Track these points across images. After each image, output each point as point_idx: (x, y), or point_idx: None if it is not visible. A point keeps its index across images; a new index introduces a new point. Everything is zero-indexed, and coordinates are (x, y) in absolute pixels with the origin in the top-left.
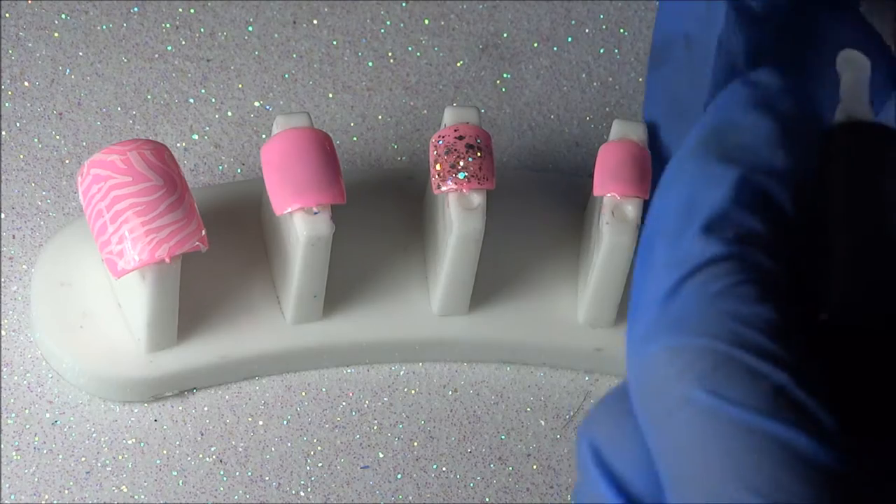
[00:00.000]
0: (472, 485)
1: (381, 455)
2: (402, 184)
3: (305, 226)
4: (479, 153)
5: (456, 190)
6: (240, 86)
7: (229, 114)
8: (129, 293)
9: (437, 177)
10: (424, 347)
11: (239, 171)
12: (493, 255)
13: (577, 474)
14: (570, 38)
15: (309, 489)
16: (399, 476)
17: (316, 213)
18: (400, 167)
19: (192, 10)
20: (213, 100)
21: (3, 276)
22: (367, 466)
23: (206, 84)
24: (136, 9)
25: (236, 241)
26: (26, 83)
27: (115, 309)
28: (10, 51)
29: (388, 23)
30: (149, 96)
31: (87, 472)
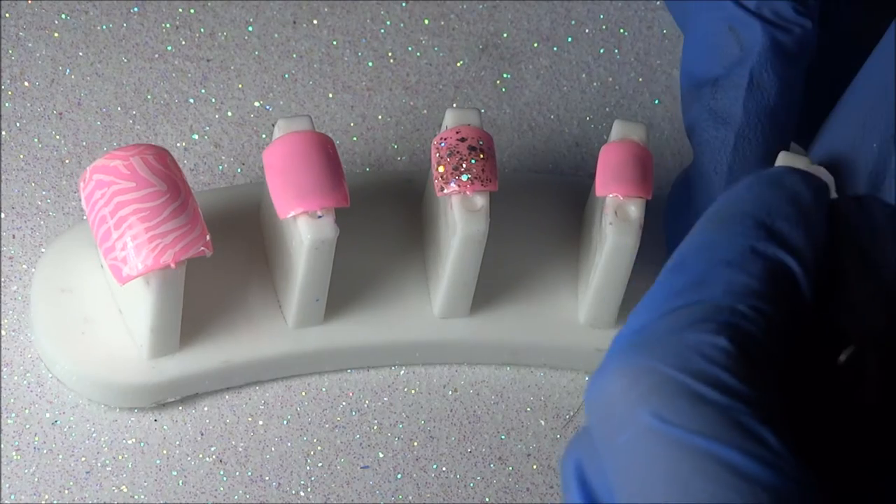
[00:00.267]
0: (472, 485)
1: (381, 455)
2: (401, 186)
3: (309, 229)
4: (481, 155)
5: (459, 192)
6: (240, 86)
7: (229, 114)
8: (133, 299)
9: (439, 179)
10: (426, 350)
11: (239, 170)
12: (493, 256)
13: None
14: (570, 38)
15: (309, 489)
16: (399, 476)
17: (320, 217)
18: (399, 168)
19: (192, 10)
20: (213, 100)
21: (3, 276)
22: (367, 466)
23: (206, 84)
24: (136, 9)
25: (236, 245)
26: (26, 83)
27: (116, 315)
28: (10, 51)
29: (388, 23)
30: (149, 96)
31: (87, 472)
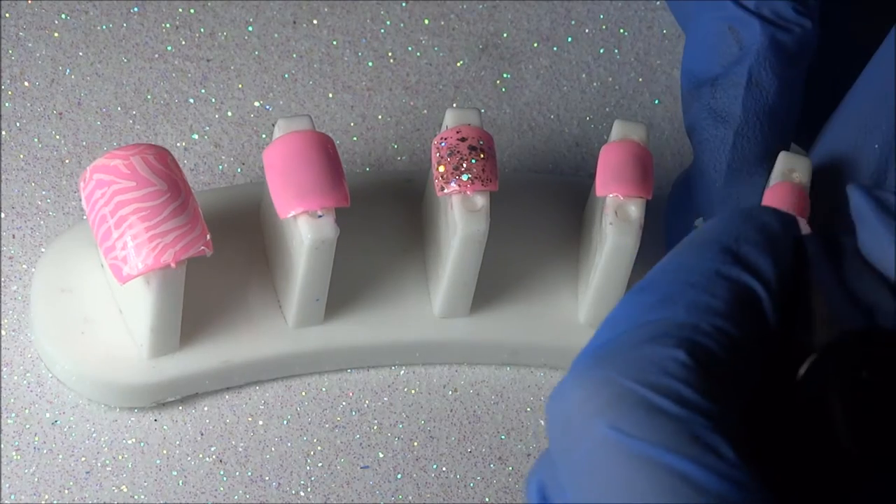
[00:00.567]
0: (472, 485)
1: (381, 455)
2: (401, 186)
3: (310, 229)
4: (481, 155)
5: (459, 192)
6: (240, 86)
7: (229, 114)
8: (133, 299)
9: (440, 179)
10: (426, 350)
11: (239, 170)
12: (493, 256)
13: None
14: (570, 38)
15: (309, 489)
16: (399, 476)
17: (320, 217)
18: (399, 168)
19: (192, 10)
20: (213, 100)
21: (3, 275)
22: (367, 466)
23: (206, 84)
24: (136, 9)
25: (236, 245)
26: (26, 83)
27: (116, 315)
28: (10, 51)
29: (388, 23)
30: (149, 96)
31: (87, 472)
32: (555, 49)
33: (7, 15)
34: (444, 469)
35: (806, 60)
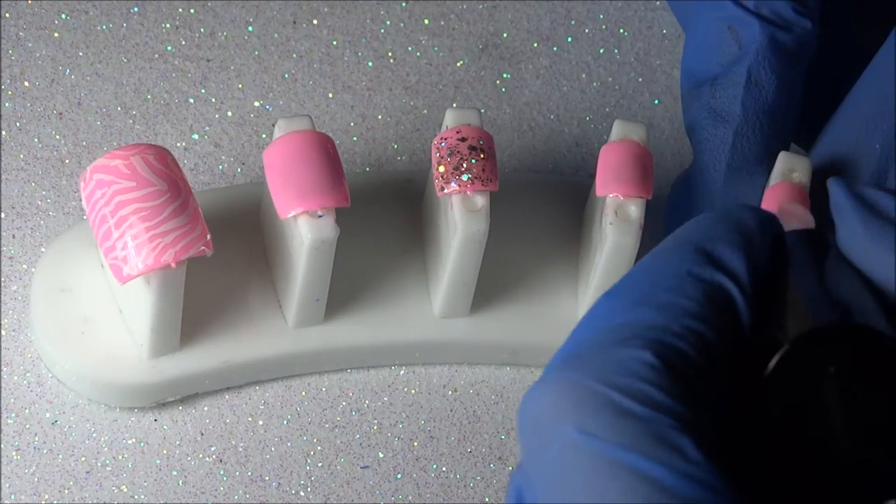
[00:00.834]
0: (472, 485)
1: (381, 455)
2: (401, 186)
3: (310, 229)
4: (481, 155)
5: (459, 192)
6: (240, 86)
7: (229, 114)
8: (133, 299)
9: (440, 179)
10: (426, 350)
11: (239, 170)
12: (493, 256)
13: None
14: (570, 38)
15: (309, 489)
16: (399, 476)
17: (320, 217)
18: (399, 168)
19: (192, 10)
20: (213, 100)
21: (3, 275)
22: (367, 466)
23: (206, 84)
24: (136, 9)
25: (236, 245)
26: (26, 83)
27: (116, 315)
28: (10, 51)
29: (388, 23)
30: (149, 96)
31: (87, 472)
32: (555, 49)
33: (7, 15)
34: (444, 469)
35: (806, 60)
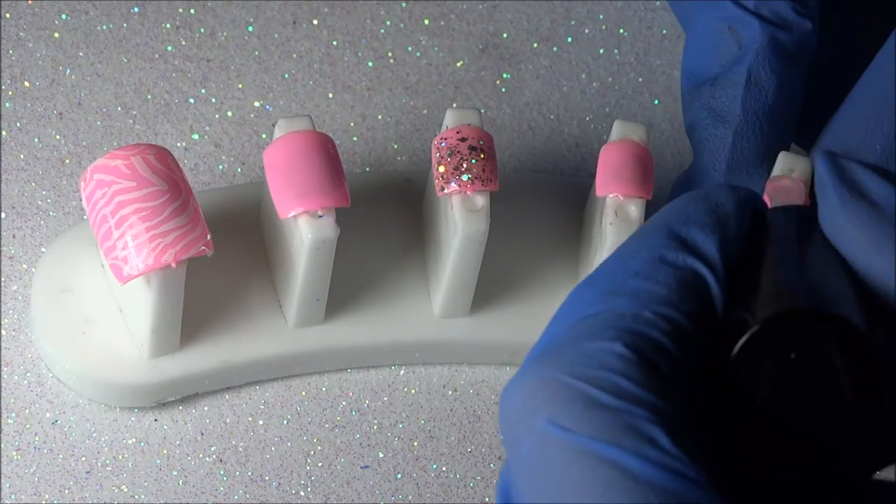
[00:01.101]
0: (472, 485)
1: (381, 455)
2: (401, 186)
3: (310, 229)
4: (482, 155)
5: (460, 192)
6: (240, 86)
7: (229, 114)
8: (133, 299)
9: (440, 179)
10: (426, 350)
11: (239, 170)
12: (493, 256)
13: None
14: (570, 38)
15: (309, 489)
16: (399, 476)
17: (320, 217)
18: (399, 168)
19: (192, 11)
20: (213, 100)
21: (3, 275)
22: (367, 466)
23: (206, 84)
24: (136, 9)
25: (236, 245)
26: (26, 83)
27: (116, 315)
28: (10, 51)
29: (388, 23)
30: (149, 96)
31: (87, 472)
32: (555, 49)
33: (7, 15)
34: (444, 469)
35: (806, 60)
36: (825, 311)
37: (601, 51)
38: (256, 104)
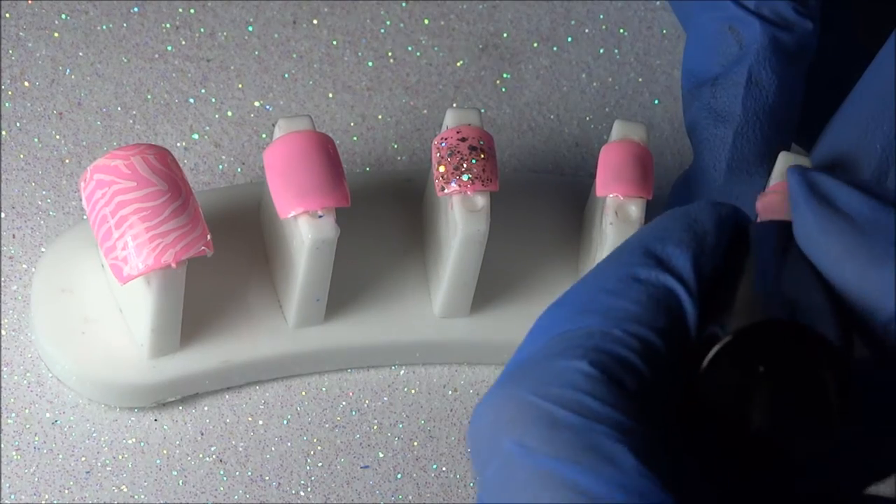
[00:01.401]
0: (472, 485)
1: (381, 455)
2: (401, 186)
3: (310, 229)
4: (482, 155)
5: (460, 192)
6: (240, 86)
7: (229, 113)
8: (133, 299)
9: (440, 179)
10: (426, 350)
11: (239, 170)
12: (493, 256)
13: None
14: (570, 38)
15: (309, 489)
16: (399, 476)
17: (320, 217)
18: (399, 168)
19: (192, 11)
20: (213, 100)
21: (3, 275)
22: (367, 466)
23: (206, 84)
24: (136, 9)
25: (236, 245)
26: (26, 83)
27: (116, 315)
28: (10, 51)
29: (388, 23)
30: (149, 96)
31: (87, 472)
32: (555, 49)
33: (7, 15)
34: (444, 469)
35: (806, 60)
36: (796, 323)
37: (601, 51)
38: (256, 104)
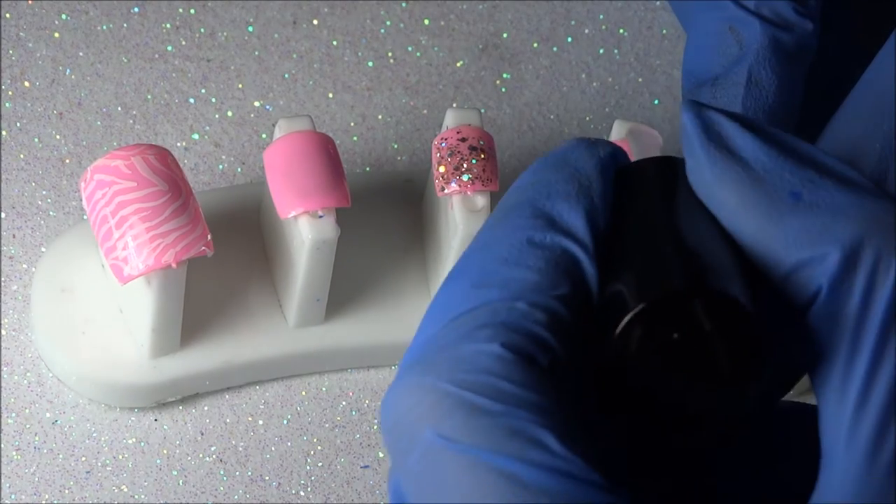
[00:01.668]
0: None
1: (381, 455)
2: (401, 186)
3: (311, 229)
4: (482, 155)
5: (460, 192)
6: (240, 86)
7: (229, 114)
8: (134, 299)
9: (440, 179)
10: None
11: (239, 170)
12: None
13: None
14: (570, 38)
15: (309, 489)
16: None
17: (321, 217)
18: (399, 168)
19: (192, 11)
20: (214, 100)
21: (3, 275)
22: (367, 466)
23: (206, 84)
24: (136, 9)
25: (236, 245)
26: (26, 83)
27: (116, 315)
28: (10, 51)
29: (388, 23)
30: (149, 96)
31: (87, 472)
32: (555, 49)
33: (7, 15)
34: None
35: (806, 60)
36: (707, 288)
37: (601, 51)
38: (256, 104)
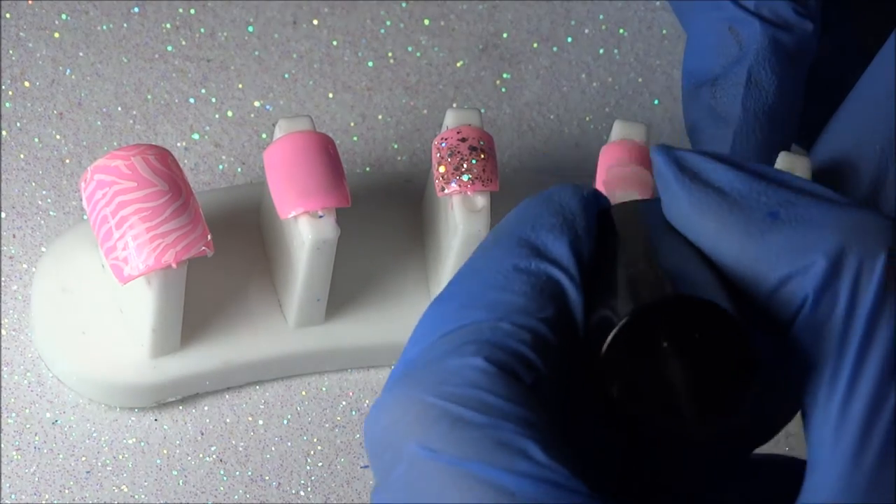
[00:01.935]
0: None
1: None
2: (401, 186)
3: (311, 229)
4: (482, 155)
5: (460, 192)
6: (240, 86)
7: (229, 114)
8: (134, 299)
9: (440, 179)
10: None
11: (239, 170)
12: None
13: None
14: (569, 39)
15: (309, 489)
16: None
17: (321, 217)
18: (399, 168)
19: (192, 11)
20: (214, 100)
21: (3, 275)
22: (367, 466)
23: (206, 84)
24: (136, 9)
25: (236, 245)
26: (26, 83)
27: (116, 315)
28: (10, 51)
29: (388, 23)
30: (149, 96)
31: (87, 472)
32: (555, 49)
33: (7, 15)
34: None
35: (806, 61)
36: (688, 296)
37: (601, 51)
38: (256, 104)
